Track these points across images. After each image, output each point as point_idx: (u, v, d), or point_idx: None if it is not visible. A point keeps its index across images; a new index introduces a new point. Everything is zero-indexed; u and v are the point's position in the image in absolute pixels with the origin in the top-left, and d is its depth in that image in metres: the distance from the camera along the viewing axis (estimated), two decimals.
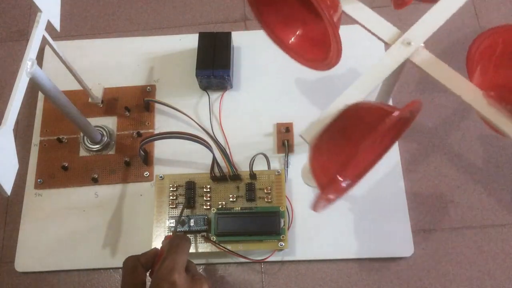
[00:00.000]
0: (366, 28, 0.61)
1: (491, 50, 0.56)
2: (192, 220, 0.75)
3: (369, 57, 0.87)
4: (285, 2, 0.64)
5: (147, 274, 0.65)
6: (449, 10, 0.59)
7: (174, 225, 0.75)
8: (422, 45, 0.58)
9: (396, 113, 0.47)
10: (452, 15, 0.58)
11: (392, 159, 0.82)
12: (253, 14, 0.66)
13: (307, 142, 0.56)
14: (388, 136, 0.61)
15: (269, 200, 0.78)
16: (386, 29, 0.60)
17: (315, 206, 0.54)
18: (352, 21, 0.62)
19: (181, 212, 0.76)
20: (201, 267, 0.79)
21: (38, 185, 0.83)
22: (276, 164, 0.83)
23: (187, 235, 0.75)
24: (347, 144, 0.52)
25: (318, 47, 0.63)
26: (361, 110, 0.54)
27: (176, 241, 0.64)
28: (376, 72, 0.58)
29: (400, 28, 0.60)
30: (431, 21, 0.59)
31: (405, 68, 0.60)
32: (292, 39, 0.66)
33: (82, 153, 0.85)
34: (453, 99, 0.57)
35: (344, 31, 0.58)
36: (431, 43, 0.58)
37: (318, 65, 0.64)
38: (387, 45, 0.60)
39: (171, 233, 0.76)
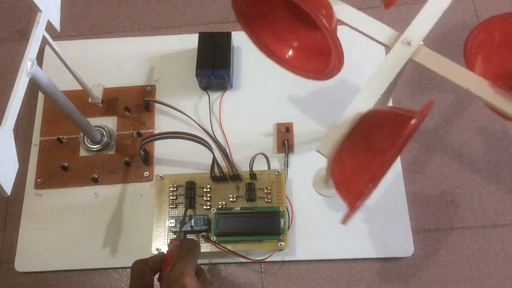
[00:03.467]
0: (363, 33, 0.60)
1: (489, 41, 0.57)
2: (192, 220, 0.75)
3: (368, 56, 0.87)
4: (277, 17, 0.63)
5: (155, 278, 0.65)
6: (442, 5, 0.59)
7: (174, 225, 0.75)
8: (422, 43, 0.58)
9: (414, 121, 0.46)
10: (452, 15, 0.58)
11: None
12: (246, 33, 0.65)
13: (325, 156, 0.55)
14: (407, 141, 0.61)
15: (269, 200, 0.77)
16: (384, 31, 0.60)
17: (345, 221, 0.53)
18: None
19: (185, 213, 0.76)
20: (201, 267, 0.79)
21: (38, 185, 0.83)
22: (276, 164, 0.83)
23: (188, 235, 0.76)
24: (373, 156, 0.51)
25: (317, 58, 0.62)
26: (379, 118, 0.53)
27: (187, 245, 0.64)
28: (382, 76, 0.57)
29: (397, 29, 0.60)
30: (427, 18, 0.59)
31: (405, 68, 0.59)
32: (290, 53, 0.65)
33: (82, 153, 0.85)
34: (453, 98, 0.57)
35: (342, 32, 0.58)
36: (432, 45, 0.58)
37: (319, 75, 0.63)
38: (387, 47, 0.59)
39: (175, 236, 0.75)
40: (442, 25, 0.88)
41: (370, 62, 0.87)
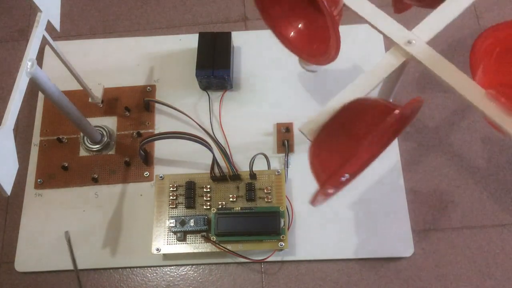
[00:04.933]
0: (370, 23, 0.60)
1: (493, 47, 0.56)
2: (192, 220, 0.75)
3: (369, 57, 0.87)
4: None
5: None
6: (453, 13, 0.58)
7: (174, 225, 0.75)
8: (425, 41, 0.58)
9: (397, 111, 0.47)
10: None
11: (392, 159, 0.82)
12: (256, 7, 0.65)
13: (307, 137, 0.56)
14: (387, 133, 0.61)
15: (269, 200, 0.78)
16: (391, 25, 0.59)
17: (314, 201, 0.54)
18: (354, 21, 0.61)
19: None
20: (201, 267, 0.79)
21: (38, 185, 0.83)
22: (276, 164, 0.83)
23: (188, 235, 0.76)
24: (348, 141, 0.52)
25: (318, 42, 0.63)
26: (362, 106, 0.54)
27: None
28: (378, 70, 0.57)
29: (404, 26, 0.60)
30: (435, 22, 0.58)
31: (406, 67, 0.59)
32: (292, 33, 0.66)
33: (82, 153, 0.85)
34: (454, 98, 0.57)
35: (346, 31, 0.58)
36: (431, 44, 0.58)
37: (317, 59, 0.63)
38: (389, 43, 0.59)
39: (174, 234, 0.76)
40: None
41: (370, 63, 0.87)
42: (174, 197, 0.78)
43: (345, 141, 0.52)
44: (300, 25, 0.66)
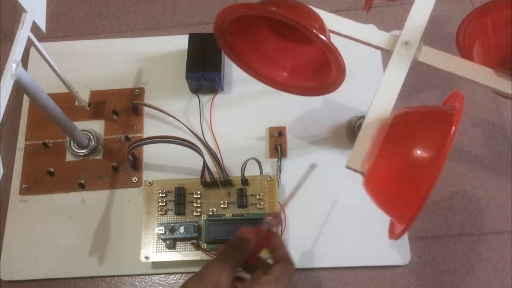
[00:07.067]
0: (360, 41, 0.60)
1: (482, 29, 0.59)
2: (182, 227, 0.74)
3: (363, 60, 0.86)
4: (263, 41, 0.63)
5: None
6: (430, 2, 0.60)
7: (163, 232, 0.74)
8: (421, 42, 0.58)
9: (457, 114, 0.45)
10: (450, 15, 0.59)
11: None
12: (234, 62, 0.64)
13: (359, 172, 0.52)
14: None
15: (262, 206, 0.77)
16: (380, 36, 0.59)
17: (399, 237, 0.52)
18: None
19: None
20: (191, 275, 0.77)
21: (23, 191, 0.82)
22: (268, 169, 0.82)
23: (178, 242, 0.74)
24: (421, 161, 0.48)
25: (314, 74, 0.61)
26: (410, 121, 0.52)
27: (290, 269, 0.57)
28: (392, 80, 0.57)
29: (398, 29, 0.60)
30: (419, 17, 0.59)
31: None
32: (284, 75, 0.64)
33: (69, 158, 0.84)
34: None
35: (337, 37, 0.57)
36: (434, 44, 0.58)
37: (321, 90, 0.62)
38: (387, 51, 0.59)
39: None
40: (442, 24, 0.87)
41: (364, 65, 0.86)
42: (164, 204, 0.77)
43: (418, 164, 0.48)
44: (288, 64, 0.64)
